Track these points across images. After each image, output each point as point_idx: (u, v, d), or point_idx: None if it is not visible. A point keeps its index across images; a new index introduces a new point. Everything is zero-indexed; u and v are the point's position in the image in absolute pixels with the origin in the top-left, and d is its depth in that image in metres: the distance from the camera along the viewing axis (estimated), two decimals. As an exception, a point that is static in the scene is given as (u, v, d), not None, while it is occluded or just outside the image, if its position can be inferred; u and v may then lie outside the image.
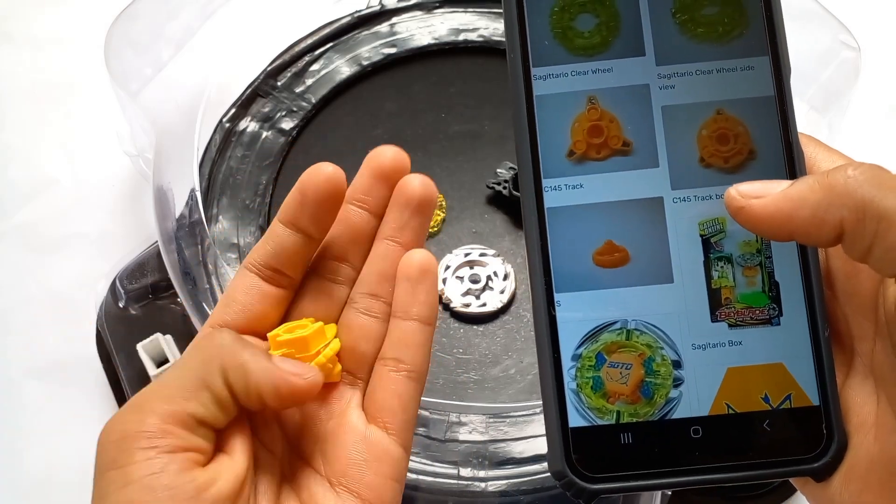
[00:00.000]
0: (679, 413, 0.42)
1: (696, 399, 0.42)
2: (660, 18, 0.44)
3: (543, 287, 0.43)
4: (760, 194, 0.39)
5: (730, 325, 0.42)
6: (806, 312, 0.42)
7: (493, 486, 0.67)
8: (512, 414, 0.69)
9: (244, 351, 0.44)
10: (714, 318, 0.43)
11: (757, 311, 0.43)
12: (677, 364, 0.42)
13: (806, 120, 0.78)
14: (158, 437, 0.41)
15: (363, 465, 0.46)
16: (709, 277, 0.43)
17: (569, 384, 0.42)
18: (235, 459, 0.44)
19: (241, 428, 0.45)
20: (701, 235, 0.43)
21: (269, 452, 0.47)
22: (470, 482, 0.67)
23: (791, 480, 0.43)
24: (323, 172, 0.47)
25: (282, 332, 0.47)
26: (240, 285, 0.48)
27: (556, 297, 0.43)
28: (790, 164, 0.43)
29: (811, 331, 0.42)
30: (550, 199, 0.43)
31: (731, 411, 0.42)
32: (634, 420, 0.42)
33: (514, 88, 0.44)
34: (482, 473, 0.67)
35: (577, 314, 0.43)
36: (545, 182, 0.43)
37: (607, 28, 0.44)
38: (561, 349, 0.42)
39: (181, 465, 0.41)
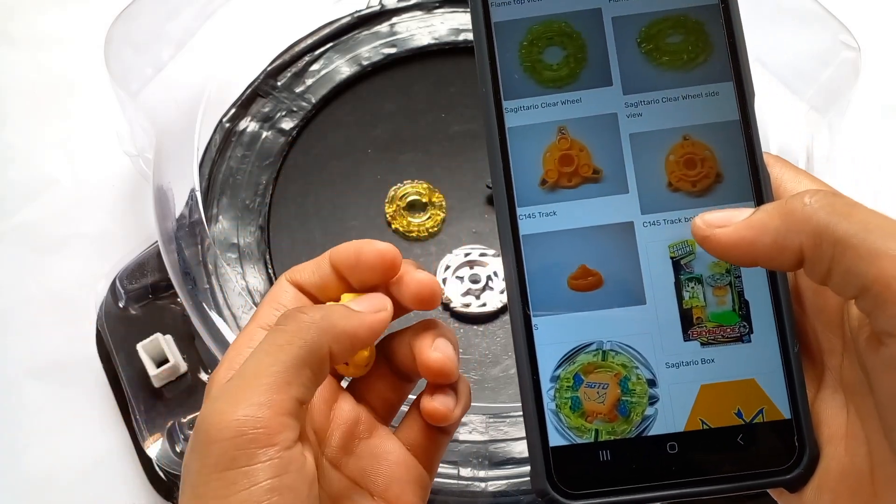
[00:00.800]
0: (655, 430, 0.43)
1: (671, 416, 0.43)
2: (625, 48, 0.45)
3: (521, 311, 0.43)
4: (724, 223, 0.40)
5: (702, 344, 0.43)
6: (776, 329, 0.43)
7: (493, 486, 0.67)
8: (512, 414, 0.69)
9: (338, 317, 0.45)
10: (686, 337, 0.43)
11: (728, 329, 0.43)
12: (652, 382, 0.43)
13: (806, 120, 0.78)
14: (277, 433, 0.41)
15: (405, 485, 0.48)
16: (680, 298, 0.43)
17: (548, 405, 0.43)
18: (309, 442, 0.44)
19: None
20: (671, 257, 0.43)
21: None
22: (470, 482, 0.67)
23: (768, 491, 0.44)
24: (378, 248, 0.48)
25: None
26: (284, 293, 0.48)
27: (534, 320, 0.43)
28: (756, 186, 0.44)
29: (781, 347, 0.43)
30: (525, 227, 0.44)
31: (705, 427, 0.42)
32: (612, 438, 0.43)
33: (486, 121, 0.45)
34: (482, 473, 0.67)
35: (554, 337, 0.43)
36: (520, 210, 0.44)
37: (575, 60, 0.45)
38: (540, 371, 0.43)
39: (298, 463, 0.41)
